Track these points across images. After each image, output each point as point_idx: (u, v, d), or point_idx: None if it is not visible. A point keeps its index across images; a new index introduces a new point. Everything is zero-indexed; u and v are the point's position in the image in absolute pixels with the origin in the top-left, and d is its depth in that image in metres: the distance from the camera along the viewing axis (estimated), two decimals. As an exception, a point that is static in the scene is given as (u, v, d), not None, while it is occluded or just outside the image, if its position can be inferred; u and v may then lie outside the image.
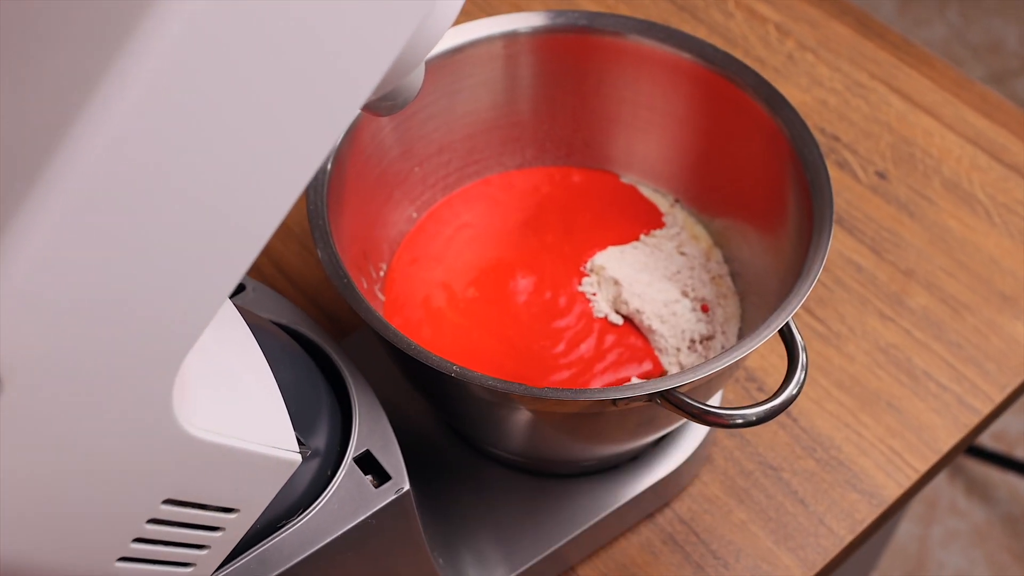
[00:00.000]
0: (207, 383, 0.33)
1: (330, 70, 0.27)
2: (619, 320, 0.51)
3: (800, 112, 0.67)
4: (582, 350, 0.50)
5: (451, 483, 0.52)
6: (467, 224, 0.55)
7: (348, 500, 0.39)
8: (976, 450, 1.28)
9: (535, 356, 0.50)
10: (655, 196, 0.56)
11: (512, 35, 0.52)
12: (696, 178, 0.55)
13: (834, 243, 0.64)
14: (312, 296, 0.63)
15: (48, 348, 0.25)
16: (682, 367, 0.50)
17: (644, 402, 0.40)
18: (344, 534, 0.39)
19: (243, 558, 0.37)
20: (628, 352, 0.50)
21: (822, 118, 0.71)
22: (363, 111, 0.42)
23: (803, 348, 0.42)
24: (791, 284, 0.43)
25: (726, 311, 0.52)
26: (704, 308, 0.52)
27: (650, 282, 0.52)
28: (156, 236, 0.26)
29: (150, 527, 0.32)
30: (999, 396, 0.59)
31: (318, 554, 0.38)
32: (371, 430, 0.41)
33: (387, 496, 0.39)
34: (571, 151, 0.57)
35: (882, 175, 0.68)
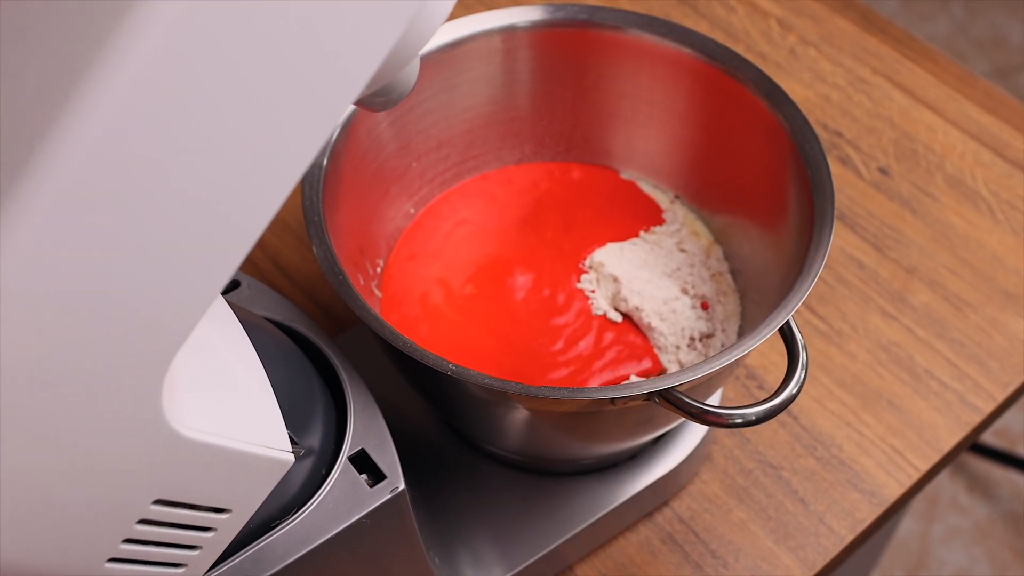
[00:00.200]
0: (198, 382, 0.32)
1: (322, 64, 0.27)
2: (618, 317, 0.51)
3: (802, 107, 0.66)
4: (580, 348, 0.50)
5: (448, 481, 0.52)
6: (465, 220, 0.55)
7: (343, 499, 0.39)
8: (978, 447, 1.27)
9: (533, 354, 0.49)
10: (655, 192, 0.56)
11: (511, 29, 0.51)
12: (697, 174, 0.54)
13: (836, 240, 0.64)
14: (309, 292, 0.62)
15: (33, 346, 0.25)
16: (681, 365, 0.50)
17: (642, 401, 0.40)
18: (339, 534, 0.39)
19: (236, 558, 0.37)
20: (627, 350, 0.50)
21: (824, 113, 0.70)
22: (357, 106, 0.42)
23: (803, 347, 0.42)
24: (792, 281, 0.43)
25: (726, 308, 0.51)
26: (704, 305, 0.51)
27: (650, 279, 0.51)
28: (144, 231, 0.25)
29: (140, 528, 0.31)
30: (1001, 395, 0.58)
31: (312, 554, 0.38)
32: (366, 428, 0.41)
33: (382, 495, 0.39)
34: (570, 147, 0.56)
35: (884, 171, 0.68)
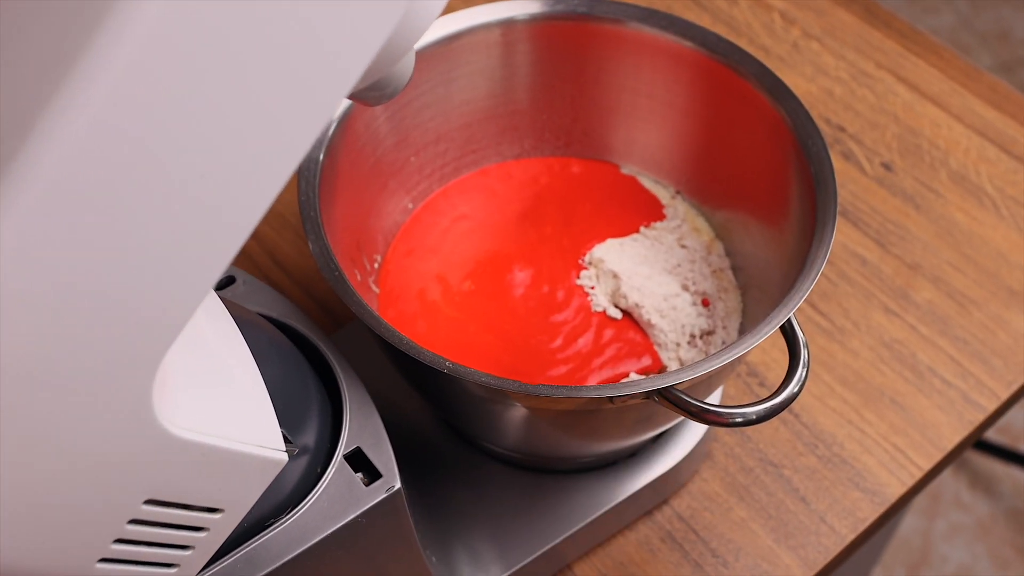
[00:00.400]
0: (189, 380, 0.32)
1: (315, 57, 0.26)
2: (618, 314, 0.50)
3: (805, 102, 0.66)
4: (580, 345, 0.49)
5: (445, 479, 0.51)
6: (464, 215, 0.54)
7: (338, 498, 0.39)
8: (981, 444, 1.27)
9: (532, 351, 0.49)
10: (656, 187, 0.55)
11: (510, 22, 0.51)
12: (698, 169, 0.54)
13: (838, 236, 0.63)
14: (307, 287, 0.62)
15: (19, 343, 0.24)
16: (682, 362, 0.49)
17: (642, 400, 0.39)
18: (334, 533, 0.38)
19: (229, 558, 0.37)
20: (627, 347, 0.49)
21: (827, 108, 0.70)
22: (352, 100, 0.41)
23: (805, 344, 0.41)
24: (794, 278, 0.42)
25: (727, 305, 0.51)
26: (705, 302, 0.51)
27: (650, 275, 0.51)
28: (134, 225, 0.25)
29: (131, 528, 0.31)
30: (1005, 393, 0.58)
31: (307, 553, 0.38)
32: (362, 427, 0.40)
33: (378, 495, 0.39)
34: (570, 141, 0.56)
35: (888, 166, 0.67)
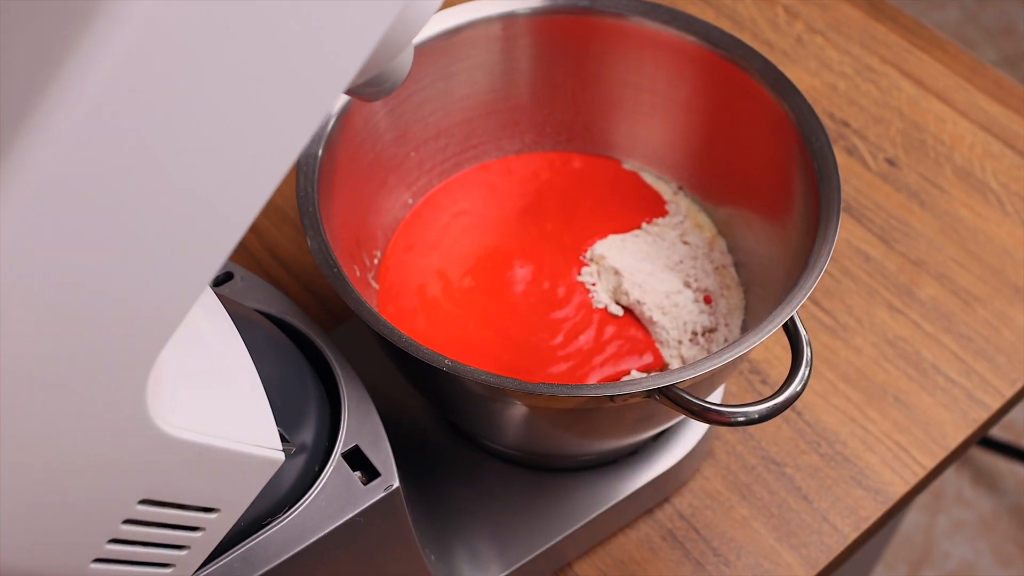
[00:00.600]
0: (184, 378, 0.31)
1: (311, 51, 0.26)
2: (619, 311, 0.50)
3: (809, 97, 0.65)
4: (581, 342, 0.49)
5: (445, 477, 0.51)
6: (464, 211, 0.54)
7: (336, 497, 0.38)
8: (984, 440, 1.26)
9: (532, 348, 0.48)
10: (658, 183, 0.55)
11: (510, 16, 0.50)
12: (700, 165, 0.53)
13: (842, 232, 0.63)
14: (306, 282, 0.62)
15: (10, 341, 0.24)
16: (683, 360, 0.49)
17: (642, 398, 0.39)
18: (331, 532, 0.38)
19: (226, 557, 0.36)
20: (628, 344, 0.49)
21: (831, 103, 0.69)
22: (350, 96, 0.41)
23: (808, 343, 0.41)
24: (797, 275, 0.42)
25: (729, 302, 0.50)
26: (707, 299, 0.51)
27: (651, 272, 0.50)
28: (127, 221, 0.24)
29: (126, 528, 0.31)
30: (1009, 391, 0.57)
31: (304, 552, 0.37)
32: (360, 425, 0.40)
33: (376, 493, 0.38)
34: (572, 136, 0.55)
35: (892, 162, 0.66)
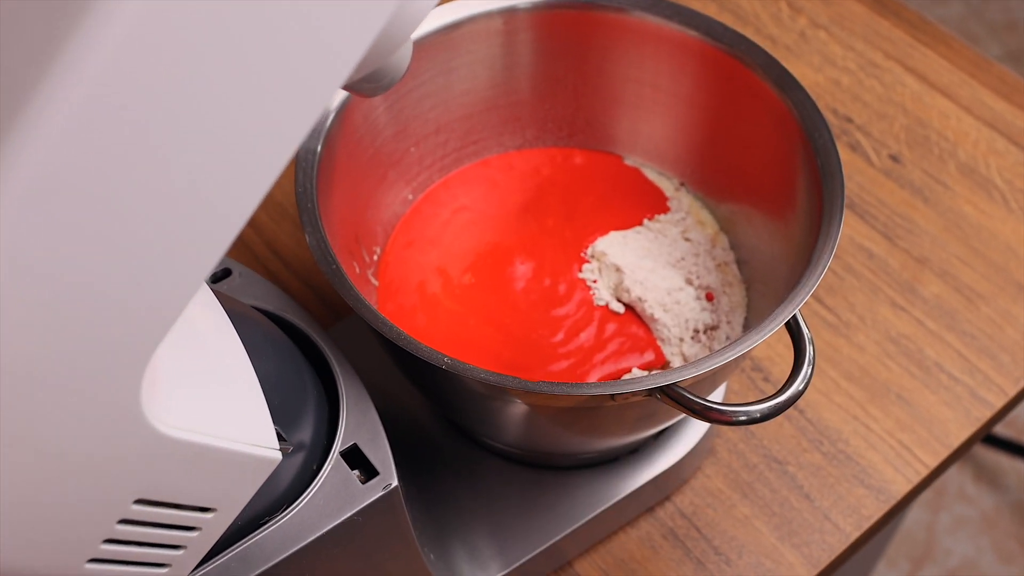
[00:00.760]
0: (180, 376, 0.31)
1: (308, 46, 0.25)
2: (620, 308, 0.50)
3: (812, 92, 0.65)
4: (582, 339, 0.48)
5: (444, 475, 0.51)
6: (465, 207, 0.53)
7: (334, 496, 0.38)
8: (986, 437, 1.26)
9: (533, 345, 0.48)
10: (660, 179, 0.54)
11: (511, 10, 0.50)
12: (703, 161, 0.53)
13: (845, 229, 0.62)
14: (306, 278, 0.61)
15: (3, 339, 0.24)
16: (685, 358, 0.48)
17: (643, 397, 0.39)
18: (329, 531, 0.38)
19: (223, 557, 0.36)
20: (629, 342, 0.49)
21: (834, 99, 0.69)
22: (348, 92, 0.40)
23: (810, 341, 0.41)
24: (800, 273, 0.42)
25: (732, 300, 0.50)
26: (709, 297, 0.50)
27: (653, 269, 0.50)
28: (122, 216, 0.24)
29: (121, 528, 0.30)
30: (1013, 389, 0.57)
31: (302, 552, 0.37)
32: (359, 423, 0.40)
33: (374, 492, 0.38)
34: (573, 132, 0.55)
35: (896, 158, 0.66)
